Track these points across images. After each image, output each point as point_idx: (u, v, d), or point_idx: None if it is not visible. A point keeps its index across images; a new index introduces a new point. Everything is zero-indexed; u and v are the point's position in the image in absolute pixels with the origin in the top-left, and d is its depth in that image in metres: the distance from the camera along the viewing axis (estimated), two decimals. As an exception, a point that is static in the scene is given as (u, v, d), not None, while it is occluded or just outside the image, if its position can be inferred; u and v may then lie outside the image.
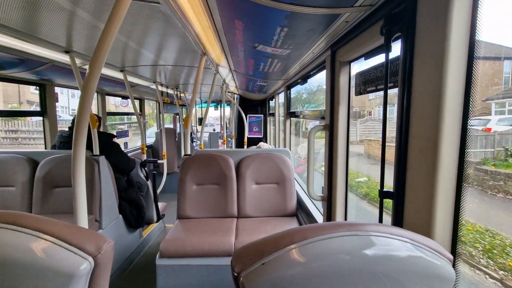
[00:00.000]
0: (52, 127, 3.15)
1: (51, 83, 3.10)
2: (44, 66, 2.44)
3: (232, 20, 1.42)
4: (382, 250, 0.58)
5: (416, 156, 0.84)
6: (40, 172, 2.44)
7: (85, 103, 1.06)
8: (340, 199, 1.64)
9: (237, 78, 3.68)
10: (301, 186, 3.09)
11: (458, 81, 0.73)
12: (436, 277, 0.60)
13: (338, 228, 0.58)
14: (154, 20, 1.60)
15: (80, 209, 1.09)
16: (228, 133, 6.97)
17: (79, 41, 1.98)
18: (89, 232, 0.65)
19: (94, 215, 2.37)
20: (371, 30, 1.10)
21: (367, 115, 5.51)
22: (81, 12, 1.46)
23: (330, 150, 1.66)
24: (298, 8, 1.05)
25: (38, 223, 0.60)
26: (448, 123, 0.74)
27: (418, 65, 0.82)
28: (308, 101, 6.23)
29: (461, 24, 0.71)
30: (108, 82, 3.56)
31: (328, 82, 1.65)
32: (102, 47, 1.01)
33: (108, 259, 0.64)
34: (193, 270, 1.98)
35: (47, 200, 2.44)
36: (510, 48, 1.83)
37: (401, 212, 0.90)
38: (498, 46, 1.77)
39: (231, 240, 2.05)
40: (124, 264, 2.74)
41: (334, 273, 0.56)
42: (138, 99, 5.57)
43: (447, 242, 0.79)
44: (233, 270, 0.58)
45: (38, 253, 0.57)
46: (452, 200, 0.78)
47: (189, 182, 2.51)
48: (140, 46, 2.18)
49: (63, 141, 2.69)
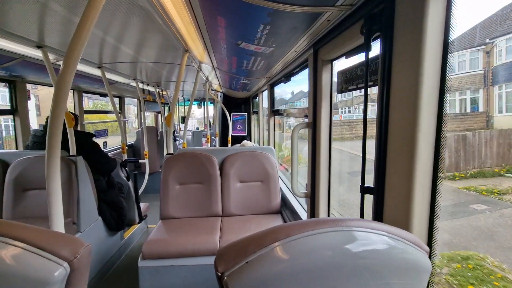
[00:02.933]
0: (24, 126, 2.97)
1: (22, 79, 2.93)
2: (14, 62, 2.30)
3: (214, 16, 1.39)
4: (363, 244, 0.59)
5: (395, 152, 0.87)
6: (11, 174, 2.30)
7: (59, 101, 1.01)
8: (323, 196, 1.67)
9: (220, 75, 3.65)
10: (285, 184, 3.11)
11: (433, 79, 0.76)
12: (414, 268, 0.62)
13: (321, 224, 0.59)
14: (133, 15, 1.54)
15: (55, 212, 1.04)
16: (212, 131, 6.90)
17: (52, 36, 1.88)
18: (64, 236, 0.62)
19: (72, 218, 2.27)
20: (352, 30, 1.12)
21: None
22: (55, 5, 1.38)
23: (313, 147, 1.68)
24: (280, 6, 1.05)
25: (6, 229, 0.56)
26: (424, 119, 0.77)
27: (397, 64, 0.85)
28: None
29: (436, 24, 0.74)
30: (85, 79, 3.41)
31: (311, 81, 1.67)
32: (78, 42, 0.96)
33: (85, 263, 0.61)
34: (177, 271, 1.95)
35: (19, 204, 2.30)
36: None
37: (381, 206, 0.93)
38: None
39: (215, 239, 2.04)
40: (105, 268, 2.65)
41: (318, 268, 0.57)
42: (118, 97, 5.38)
43: (423, 235, 0.82)
44: (216, 270, 0.57)
45: (8, 260, 0.53)
46: (428, 194, 0.81)
47: (172, 181, 2.46)
48: (119, 42, 2.10)
49: (36, 141, 2.55)
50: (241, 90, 4.67)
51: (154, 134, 5.51)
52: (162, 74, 3.80)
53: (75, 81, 3.49)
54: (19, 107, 2.94)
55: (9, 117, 3.00)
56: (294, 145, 1.77)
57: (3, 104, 10.25)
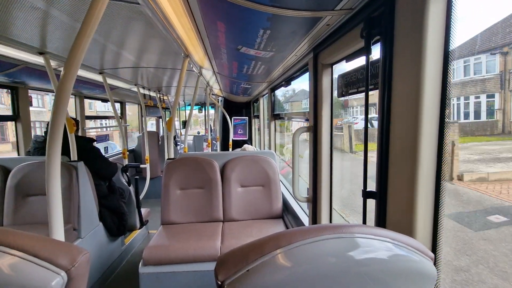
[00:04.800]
0: (26, 132, 2.99)
1: (24, 86, 2.95)
2: (16, 68, 2.31)
3: (214, 22, 1.40)
4: (366, 251, 0.58)
5: (397, 156, 0.86)
6: (12, 180, 2.30)
7: (59, 107, 1.01)
8: (325, 200, 1.66)
9: (221, 80, 3.66)
10: (286, 188, 3.10)
11: (435, 82, 0.75)
12: (419, 276, 0.61)
13: (323, 230, 0.58)
14: (134, 21, 1.55)
15: (55, 218, 1.03)
16: (213, 136, 6.91)
17: (54, 42, 1.89)
18: (62, 244, 0.61)
19: (72, 224, 2.26)
20: (352, 33, 1.12)
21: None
22: (56, 12, 1.39)
23: (315, 151, 1.67)
24: (280, 11, 1.05)
25: (2, 237, 0.55)
26: (426, 123, 0.76)
27: (397, 67, 0.84)
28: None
29: (437, 27, 0.73)
30: (86, 84, 3.43)
31: (311, 85, 1.67)
32: (78, 48, 0.97)
33: (83, 272, 0.60)
34: (178, 277, 1.93)
35: (20, 210, 2.30)
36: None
37: (384, 212, 0.92)
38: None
39: (217, 245, 2.02)
40: (106, 274, 2.63)
41: (320, 276, 0.55)
42: (119, 102, 5.40)
43: (428, 241, 0.81)
44: (216, 278, 0.56)
45: (4, 270, 0.52)
46: (432, 199, 0.80)
47: (173, 186, 2.45)
48: (120, 48, 2.12)
49: (37, 147, 2.56)
50: (242, 94, 4.68)
51: (155, 139, 5.52)
52: (163, 79, 3.82)
53: (77, 87, 3.51)
54: (21, 113, 2.95)
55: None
56: (295, 149, 1.76)
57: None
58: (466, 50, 7.00)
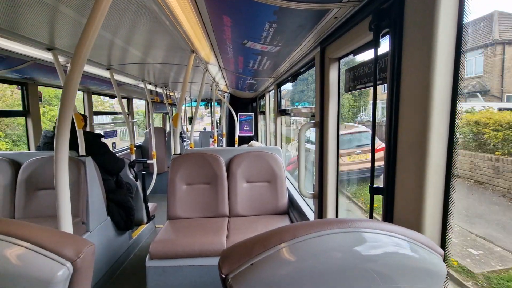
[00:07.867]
0: (36, 127, 3.04)
1: (34, 81, 2.99)
2: (26, 64, 2.35)
3: (220, 16, 1.39)
4: (373, 246, 0.57)
5: (405, 151, 0.84)
6: (23, 174, 2.35)
7: (67, 102, 1.02)
8: (331, 196, 1.64)
9: (227, 76, 3.65)
10: (292, 184, 3.09)
11: (446, 76, 0.73)
12: (427, 272, 0.59)
13: (328, 225, 0.57)
14: (141, 17, 1.55)
15: (63, 212, 1.05)
16: (219, 131, 6.92)
17: (62, 38, 1.91)
18: (68, 236, 0.62)
19: (81, 218, 2.30)
20: (360, 26, 1.09)
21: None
22: (64, 8, 1.40)
23: (321, 147, 1.66)
24: (286, 3, 1.03)
25: (11, 228, 0.56)
26: (436, 118, 0.74)
27: (407, 60, 0.82)
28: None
29: (448, 19, 0.71)
30: (94, 80, 3.47)
31: (318, 80, 1.65)
32: (85, 43, 0.98)
33: (88, 263, 0.61)
34: (184, 271, 1.95)
35: (31, 204, 2.35)
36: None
37: (391, 207, 0.90)
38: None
39: (222, 240, 2.03)
40: (113, 267, 2.68)
41: (325, 271, 0.55)
42: (126, 98, 5.45)
43: (437, 237, 0.79)
44: (220, 271, 0.56)
45: (13, 260, 0.54)
46: (441, 195, 0.78)
47: (179, 181, 2.47)
48: (127, 44, 2.13)
49: (47, 142, 2.60)
50: (248, 90, 4.66)
51: (162, 135, 5.56)
52: (170, 75, 3.83)
53: (85, 83, 3.55)
54: (31, 109, 3.00)
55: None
56: (301, 145, 1.75)
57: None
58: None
